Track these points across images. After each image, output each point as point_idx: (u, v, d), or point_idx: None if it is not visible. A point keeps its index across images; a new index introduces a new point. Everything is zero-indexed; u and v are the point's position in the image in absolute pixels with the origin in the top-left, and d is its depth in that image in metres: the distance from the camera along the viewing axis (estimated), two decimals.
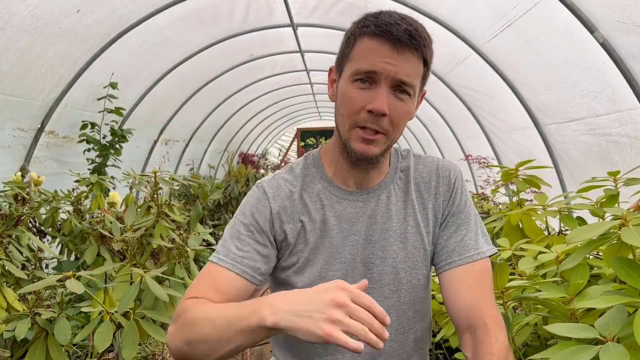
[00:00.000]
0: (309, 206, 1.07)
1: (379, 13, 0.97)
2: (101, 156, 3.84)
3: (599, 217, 1.33)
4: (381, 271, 1.05)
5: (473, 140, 5.35)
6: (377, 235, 1.06)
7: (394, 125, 0.96)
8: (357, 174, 1.06)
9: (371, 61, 0.93)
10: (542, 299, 1.04)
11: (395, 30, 0.91)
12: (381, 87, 0.93)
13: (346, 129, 0.98)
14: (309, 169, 1.11)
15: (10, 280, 1.85)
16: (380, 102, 0.92)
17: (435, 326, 1.71)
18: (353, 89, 0.96)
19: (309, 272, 1.06)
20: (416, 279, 1.07)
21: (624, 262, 0.86)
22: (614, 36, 2.49)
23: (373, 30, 0.93)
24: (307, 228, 1.06)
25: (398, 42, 0.91)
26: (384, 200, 1.07)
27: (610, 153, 2.95)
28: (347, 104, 0.97)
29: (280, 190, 1.08)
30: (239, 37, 4.77)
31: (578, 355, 0.76)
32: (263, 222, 1.05)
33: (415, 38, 0.93)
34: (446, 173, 1.10)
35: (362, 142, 0.97)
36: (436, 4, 3.75)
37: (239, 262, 1.00)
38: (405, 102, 0.96)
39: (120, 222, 2.15)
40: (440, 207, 1.08)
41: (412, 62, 0.94)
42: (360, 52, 0.95)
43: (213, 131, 7.66)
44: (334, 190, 1.08)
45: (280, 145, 15.03)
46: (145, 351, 2.47)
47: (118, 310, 1.45)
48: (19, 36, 2.70)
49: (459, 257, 1.03)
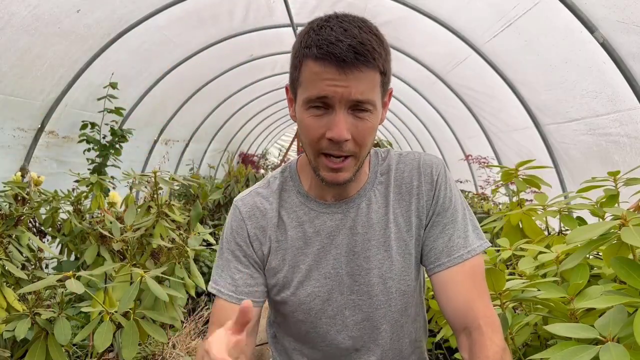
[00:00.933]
0: (287, 223, 1.05)
1: (320, 26, 0.88)
2: (101, 156, 3.84)
3: (599, 217, 1.32)
4: (368, 282, 1.02)
5: (473, 140, 5.35)
6: (360, 247, 1.03)
7: (360, 145, 0.92)
8: (334, 189, 1.03)
9: (319, 86, 0.87)
10: (542, 299, 1.04)
11: (338, 50, 0.84)
12: (337, 111, 0.88)
13: (312, 157, 0.95)
14: (287, 183, 1.09)
15: (10, 280, 1.85)
16: (339, 128, 0.87)
17: (435, 326, 1.71)
18: (308, 118, 0.91)
19: (294, 289, 1.04)
20: (405, 285, 1.04)
21: (624, 262, 0.86)
22: (614, 36, 2.49)
23: (315, 54, 0.86)
24: (283, 247, 1.05)
25: (343, 63, 0.84)
26: (365, 209, 1.04)
27: (610, 153, 2.95)
28: (306, 133, 0.92)
29: (256, 209, 1.06)
30: (239, 37, 4.77)
31: (578, 355, 0.76)
32: (244, 244, 1.05)
33: (362, 53, 0.84)
34: (428, 170, 1.04)
35: (330, 171, 0.94)
36: (436, 4, 3.75)
37: (235, 292, 1.02)
38: (366, 120, 0.90)
39: (120, 222, 2.15)
40: (424, 208, 1.03)
41: (364, 78, 0.86)
42: (307, 78, 0.89)
43: (213, 131, 7.66)
44: (311, 204, 1.05)
45: (280, 145, 15.03)
46: (145, 351, 2.47)
47: (118, 310, 1.45)
48: (19, 36, 2.70)
49: (448, 258, 0.99)
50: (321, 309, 1.04)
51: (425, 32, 4.20)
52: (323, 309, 1.04)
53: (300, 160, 1.10)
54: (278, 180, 1.09)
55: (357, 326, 1.04)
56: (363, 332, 1.05)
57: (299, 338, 1.10)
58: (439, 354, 2.20)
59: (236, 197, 1.10)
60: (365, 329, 1.04)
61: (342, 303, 1.04)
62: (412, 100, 6.42)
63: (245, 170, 7.19)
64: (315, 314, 1.04)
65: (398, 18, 4.18)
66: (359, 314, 1.04)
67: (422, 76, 5.27)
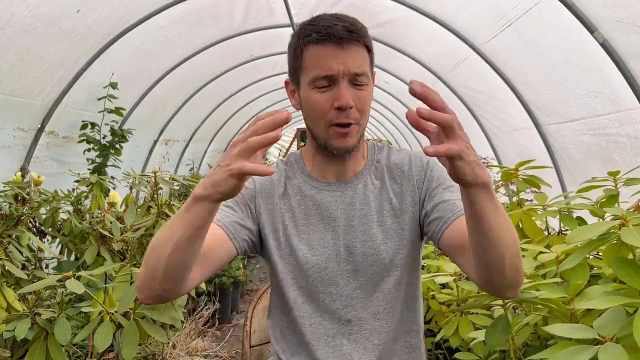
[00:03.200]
0: (291, 195, 1.17)
1: (313, 20, 1.06)
2: (101, 156, 3.84)
3: (599, 217, 1.33)
4: (363, 253, 1.12)
5: (473, 140, 5.23)
6: (357, 221, 1.13)
7: (361, 111, 1.06)
8: (335, 167, 1.16)
9: (324, 65, 1.02)
10: (542, 299, 1.04)
11: (335, 31, 1.00)
12: (340, 84, 1.02)
13: (322, 129, 1.07)
14: (291, 165, 1.21)
15: (10, 280, 1.85)
16: (345, 97, 1.01)
17: (435, 326, 1.71)
18: (316, 94, 1.04)
19: (292, 253, 1.13)
20: (398, 257, 1.12)
21: (624, 262, 0.87)
22: (614, 36, 2.49)
23: (316, 38, 1.02)
24: (286, 215, 1.15)
25: (342, 40, 1.01)
26: (361, 189, 1.16)
27: (611, 153, 2.95)
28: (316, 107, 1.06)
29: (265, 180, 1.17)
30: (239, 37, 4.77)
31: (577, 355, 0.76)
32: (248, 196, 1.15)
33: (354, 32, 1.02)
34: (418, 158, 1.18)
35: (339, 137, 1.06)
36: (436, 4, 3.74)
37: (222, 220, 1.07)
38: (364, 89, 1.05)
39: (120, 222, 2.15)
40: (416, 187, 1.14)
41: (358, 53, 1.03)
42: (311, 60, 1.04)
43: (213, 131, 7.66)
44: (313, 182, 1.17)
45: (280, 145, 15.04)
46: (145, 351, 2.47)
47: (118, 310, 1.45)
48: (19, 36, 2.70)
49: (452, 213, 1.04)
50: (318, 277, 1.12)
51: (425, 32, 4.20)
52: (320, 277, 1.12)
53: (304, 149, 1.23)
54: (283, 164, 1.22)
55: (350, 295, 1.12)
56: (355, 301, 1.12)
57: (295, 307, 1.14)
58: (439, 354, 2.20)
59: None
60: (358, 298, 1.12)
61: (337, 272, 1.12)
62: (412, 100, 6.40)
63: None
64: (313, 281, 1.12)
65: (398, 18, 4.18)
66: (352, 282, 1.12)
67: (422, 76, 5.26)
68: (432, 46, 4.54)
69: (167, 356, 2.44)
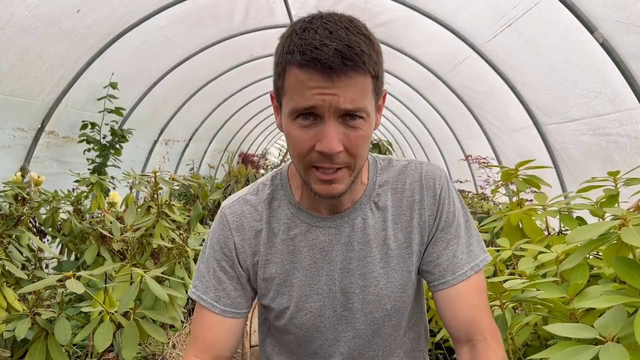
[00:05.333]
0: (277, 236, 0.99)
1: (304, 29, 0.80)
2: (101, 156, 3.84)
3: (599, 217, 1.32)
4: (363, 299, 0.98)
5: (473, 140, 5.35)
6: (355, 263, 0.97)
7: (354, 155, 0.84)
8: (327, 201, 0.96)
9: (306, 96, 0.79)
10: (541, 299, 1.04)
11: (323, 55, 0.76)
12: (326, 121, 0.81)
13: (302, 170, 0.88)
14: (277, 192, 1.02)
15: (10, 280, 1.85)
16: (329, 141, 0.80)
17: (435, 326, 1.71)
18: (296, 129, 0.83)
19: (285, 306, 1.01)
20: (401, 302, 1.00)
21: (624, 262, 0.86)
22: (614, 36, 2.49)
23: (299, 60, 0.78)
24: (273, 261, 0.99)
25: (330, 70, 0.76)
26: (360, 225, 0.98)
27: (611, 153, 2.95)
28: (294, 145, 0.85)
29: (244, 218, 1.00)
30: (239, 37, 4.77)
31: (578, 355, 0.76)
32: (230, 254, 1.00)
33: (350, 58, 0.77)
34: (431, 183, 0.98)
35: (322, 183, 0.86)
36: (436, 4, 3.75)
37: (218, 302, 1.00)
38: (359, 128, 0.83)
39: (120, 222, 2.15)
40: (426, 224, 0.98)
41: (354, 85, 0.79)
42: (292, 86, 0.81)
43: (213, 131, 7.66)
44: (303, 217, 0.99)
45: (280, 145, 15.03)
46: (145, 351, 2.47)
47: (118, 310, 1.45)
48: (19, 36, 2.70)
49: (453, 276, 0.96)
50: (313, 324, 1.01)
51: (425, 32, 4.20)
52: (315, 324, 1.01)
53: (291, 168, 1.03)
54: (268, 189, 1.02)
55: (348, 343, 1.02)
56: (354, 348, 1.02)
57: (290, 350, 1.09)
58: (439, 354, 2.20)
59: (224, 202, 1.04)
60: (357, 345, 1.02)
61: (334, 319, 1.00)
62: (412, 100, 6.42)
63: (245, 170, 7.20)
64: (307, 328, 1.01)
65: (398, 18, 4.19)
66: (351, 330, 1.01)
67: (422, 76, 5.27)
68: (432, 46, 4.55)
69: (167, 356, 2.45)
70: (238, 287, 1.01)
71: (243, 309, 1.02)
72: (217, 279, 1.00)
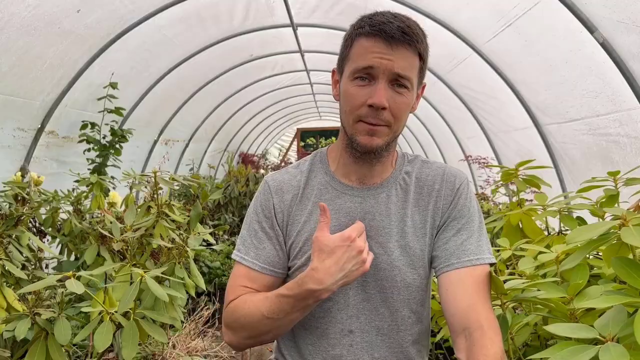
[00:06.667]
0: (309, 200, 1.12)
1: (373, 14, 1.02)
2: (101, 156, 3.84)
3: (599, 217, 1.32)
4: (376, 266, 1.07)
5: (473, 140, 5.35)
6: (374, 232, 1.08)
7: (395, 117, 1.01)
8: (360, 168, 1.10)
9: (367, 58, 0.98)
10: (542, 299, 1.04)
11: (388, 28, 0.96)
12: (379, 82, 0.98)
13: (350, 124, 1.03)
14: (315, 165, 1.17)
15: (10, 280, 1.85)
16: (379, 96, 0.97)
17: (435, 326, 1.71)
18: (353, 87, 1.01)
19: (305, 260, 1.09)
20: (411, 278, 1.08)
21: (624, 262, 0.86)
22: (614, 36, 2.49)
23: (368, 31, 0.99)
24: (303, 220, 1.11)
25: (392, 39, 0.96)
26: (384, 200, 1.10)
27: (611, 153, 2.95)
28: (349, 100, 1.02)
29: (283, 184, 1.14)
30: (239, 37, 4.77)
31: (578, 355, 0.76)
32: (269, 215, 1.13)
33: (408, 34, 0.97)
34: (451, 179, 1.11)
35: (366, 134, 1.01)
36: (436, 4, 3.75)
37: (258, 260, 1.11)
38: (404, 95, 1.00)
39: (120, 222, 2.15)
40: (440, 210, 1.09)
41: (407, 56, 0.99)
42: (357, 52, 1.01)
43: (213, 131, 7.66)
44: (335, 184, 1.13)
45: (280, 146, 15.03)
46: (145, 351, 2.47)
47: (118, 310, 1.45)
48: (19, 36, 2.70)
49: (458, 260, 1.03)
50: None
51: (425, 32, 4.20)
52: None
53: (331, 146, 1.19)
54: (309, 162, 1.18)
55: (357, 306, 1.09)
56: (361, 312, 1.09)
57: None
58: (439, 354, 2.20)
59: (266, 175, 1.20)
60: (365, 310, 1.09)
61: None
62: None
63: (245, 170, 7.19)
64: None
65: None
66: (361, 294, 1.09)
67: None
68: (432, 46, 4.49)
69: (167, 356, 2.44)
70: (277, 247, 1.12)
71: (280, 268, 1.12)
72: (258, 239, 1.12)
